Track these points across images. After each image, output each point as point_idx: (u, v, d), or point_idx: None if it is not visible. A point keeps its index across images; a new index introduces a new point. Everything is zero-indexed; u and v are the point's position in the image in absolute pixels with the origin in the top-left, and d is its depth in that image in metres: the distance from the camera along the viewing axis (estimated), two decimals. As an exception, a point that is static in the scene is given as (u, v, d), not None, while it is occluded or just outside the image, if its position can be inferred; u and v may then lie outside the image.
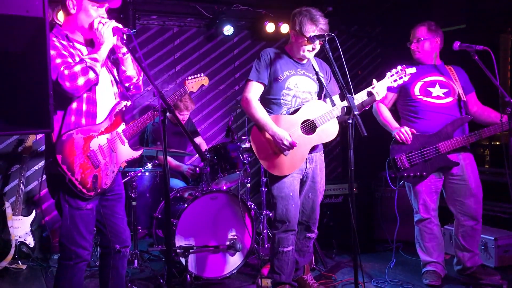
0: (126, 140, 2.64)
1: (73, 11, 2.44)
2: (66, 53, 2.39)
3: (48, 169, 2.43)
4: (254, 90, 3.03)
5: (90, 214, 2.48)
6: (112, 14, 2.56)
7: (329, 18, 3.02)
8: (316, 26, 2.91)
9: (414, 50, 3.61)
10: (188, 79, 3.06)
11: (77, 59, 2.40)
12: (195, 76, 3.07)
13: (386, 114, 3.60)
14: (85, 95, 2.44)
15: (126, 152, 2.66)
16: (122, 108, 2.59)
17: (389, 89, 3.26)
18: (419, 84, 3.51)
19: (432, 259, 3.50)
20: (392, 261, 3.87)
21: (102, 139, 2.50)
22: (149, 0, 5.09)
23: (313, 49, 2.97)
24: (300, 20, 2.94)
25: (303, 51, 2.99)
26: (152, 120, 2.74)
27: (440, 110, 3.46)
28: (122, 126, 2.62)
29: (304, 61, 3.12)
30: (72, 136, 2.37)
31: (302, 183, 3.09)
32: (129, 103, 2.64)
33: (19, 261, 4.17)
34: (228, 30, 5.35)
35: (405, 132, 3.43)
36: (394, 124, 3.55)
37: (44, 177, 2.51)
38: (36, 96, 1.69)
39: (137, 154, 2.72)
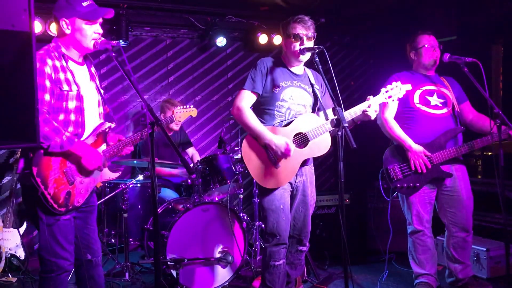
0: None
1: (68, 31, 2.47)
2: (55, 77, 2.40)
3: (23, 180, 2.44)
4: (247, 100, 3.00)
5: (68, 224, 2.48)
6: (105, 26, 2.57)
7: (321, 29, 3.03)
8: (298, 24, 2.95)
9: (427, 56, 3.51)
10: (176, 108, 3.06)
11: (66, 87, 2.42)
12: (185, 106, 3.08)
13: (397, 129, 3.47)
14: (73, 117, 2.46)
15: (103, 173, 2.66)
16: (106, 129, 2.61)
17: None
18: (418, 92, 3.50)
19: (425, 271, 3.49)
20: (384, 273, 3.86)
21: None
22: (142, 12, 5.12)
23: (301, 44, 2.94)
24: (285, 24, 3.03)
25: (294, 48, 2.96)
26: (135, 144, 2.73)
27: (436, 121, 3.46)
28: (103, 147, 2.62)
29: (300, 72, 3.11)
30: None
31: (292, 196, 3.08)
32: (113, 125, 2.66)
33: (9, 274, 4.12)
34: (221, 41, 5.37)
35: (421, 163, 3.35)
36: (409, 141, 3.41)
37: None
38: (22, 109, 1.69)
39: (114, 176, 2.72)
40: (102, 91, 2.70)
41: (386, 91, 2.98)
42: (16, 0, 1.60)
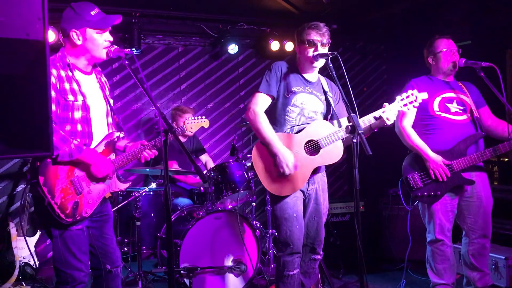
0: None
1: (79, 42, 2.44)
2: (60, 87, 2.40)
3: (32, 191, 2.41)
4: (262, 103, 2.96)
5: (81, 235, 2.46)
6: (117, 34, 2.55)
7: (334, 35, 3.01)
8: (313, 30, 2.93)
9: (446, 61, 3.42)
10: (187, 119, 3.04)
11: (71, 98, 2.41)
12: (196, 117, 3.06)
13: (415, 138, 3.40)
14: (79, 128, 2.46)
15: (113, 183, 2.63)
16: (114, 139, 2.59)
17: None
18: (437, 99, 3.43)
19: (443, 281, 3.40)
20: (402, 282, 3.78)
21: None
22: (154, 20, 5.14)
23: (315, 50, 2.91)
24: (299, 30, 3.00)
25: (308, 54, 2.93)
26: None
27: (457, 127, 3.38)
28: (112, 156, 2.60)
29: (314, 79, 3.08)
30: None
31: (305, 204, 3.03)
32: (122, 135, 2.64)
33: (23, 282, 4.13)
34: (233, 48, 5.38)
35: (441, 172, 3.28)
36: (427, 150, 3.33)
37: None
38: (36, 119, 1.68)
39: (123, 187, 2.70)
40: (111, 101, 2.67)
41: (402, 99, 2.91)
42: (30, 9, 1.60)
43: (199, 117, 3.09)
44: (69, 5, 2.45)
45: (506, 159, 4.85)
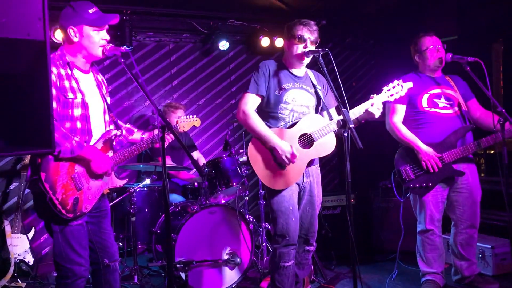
0: None
1: (75, 39, 2.50)
2: (60, 85, 2.44)
3: (32, 187, 2.47)
4: (252, 103, 3.02)
5: (81, 230, 2.51)
6: (109, 31, 2.60)
7: (323, 31, 3.07)
8: (304, 26, 2.98)
9: (432, 58, 3.52)
10: (180, 118, 3.10)
11: (70, 95, 2.45)
12: (188, 116, 3.12)
13: (406, 132, 3.50)
14: (79, 125, 2.50)
15: (111, 180, 2.69)
16: (112, 136, 2.64)
17: (400, 101, 3.25)
18: (425, 96, 3.51)
19: (432, 269, 3.51)
20: (394, 272, 3.88)
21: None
22: (145, 17, 5.16)
23: (305, 47, 2.97)
24: (290, 25, 3.06)
25: (297, 50, 2.99)
26: (140, 152, 2.77)
27: (446, 120, 3.48)
28: (110, 154, 2.65)
29: (302, 74, 3.14)
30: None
31: (299, 197, 3.10)
32: (119, 133, 2.70)
33: (18, 279, 4.15)
34: (223, 45, 5.42)
35: (432, 164, 3.38)
36: (418, 143, 3.44)
37: None
38: (37, 116, 1.72)
39: (121, 183, 2.75)
40: (108, 99, 2.73)
41: (388, 90, 3.01)
42: (31, 9, 1.63)
43: (191, 116, 3.15)
44: (68, 4, 2.50)
45: (492, 151, 4.96)
